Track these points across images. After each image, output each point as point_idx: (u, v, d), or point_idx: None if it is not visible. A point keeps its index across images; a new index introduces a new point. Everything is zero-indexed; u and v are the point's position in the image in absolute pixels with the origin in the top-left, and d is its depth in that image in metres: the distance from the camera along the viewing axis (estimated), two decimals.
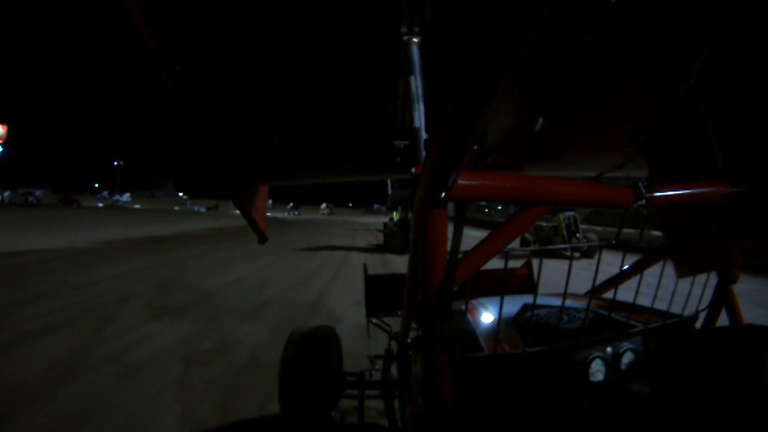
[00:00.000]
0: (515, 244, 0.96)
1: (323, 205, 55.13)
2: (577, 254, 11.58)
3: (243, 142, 1.63)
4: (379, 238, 18.55)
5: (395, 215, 19.49)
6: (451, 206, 0.88)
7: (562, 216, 12.53)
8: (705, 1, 1.11)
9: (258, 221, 1.79)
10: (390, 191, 15.42)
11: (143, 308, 5.80)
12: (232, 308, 6.01)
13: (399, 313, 1.87)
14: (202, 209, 40.28)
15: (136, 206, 47.58)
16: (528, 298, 1.49)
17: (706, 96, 1.22)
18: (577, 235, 12.25)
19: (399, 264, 11.45)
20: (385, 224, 16.72)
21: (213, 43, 1.18)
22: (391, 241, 13.53)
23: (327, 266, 10.60)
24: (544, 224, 13.45)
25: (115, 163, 56.75)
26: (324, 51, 1.25)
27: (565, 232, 12.34)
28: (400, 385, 1.90)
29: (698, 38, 1.18)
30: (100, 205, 42.17)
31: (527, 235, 14.59)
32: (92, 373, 3.52)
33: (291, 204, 66.34)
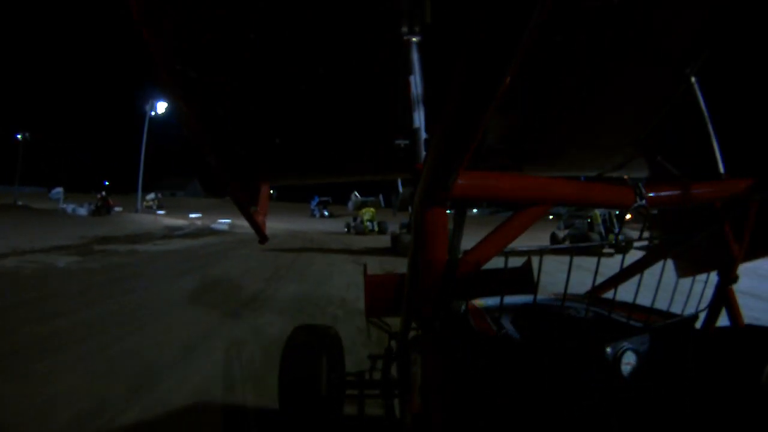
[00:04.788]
0: (517, 243, 0.96)
1: (150, 196, 31.93)
2: (610, 250, 10.27)
3: (243, 142, 1.63)
4: None
5: (365, 214, 18.28)
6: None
7: (597, 212, 11.75)
8: (704, 1, 1.11)
9: (259, 221, 1.80)
10: (401, 190, 15.01)
11: None
12: None
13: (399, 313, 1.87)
14: (81, 211, 21.93)
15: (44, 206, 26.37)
16: (528, 299, 1.48)
17: (705, 95, 1.22)
18: (615, 231, 11.38)
19: None
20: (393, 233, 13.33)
21: (213, 42, 1.18)
22: (401, 243, 12.45)
23: None
24: (577, 221, 12.66)
25: (18, 136, 37.33)
26: (324, 51, 1.25)
27: (602, 229, 11.53)
28: (400, 385, 1.90)
29: (698, 38, 1.18)
30: (20, 203, 25.70)
31: (557, 232, 13.67)
32: None
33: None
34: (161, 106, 27.32)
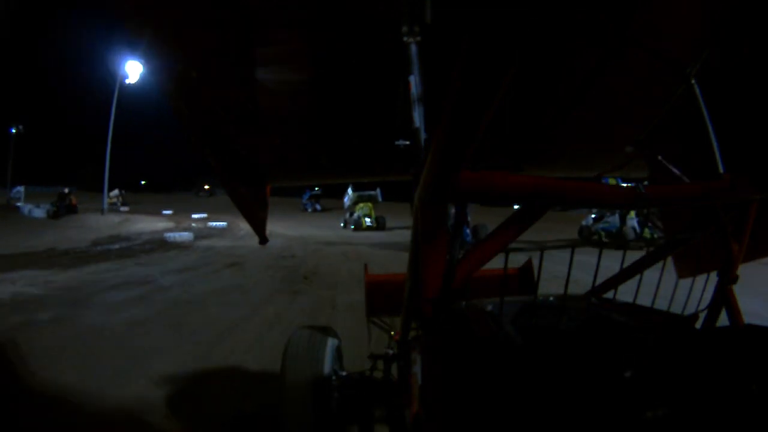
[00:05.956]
0: (518, 240, 0.95)
1: (114, 192, 27.23)
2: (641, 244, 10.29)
3: (244, 142, 1.63)
4: None
5: (362, 209, 17.54)
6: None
7: None
8: (704, 1, 1.12)
9: (259, 221, 1.80)
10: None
11: None
12: None
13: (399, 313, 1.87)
14: (38, 212, 18.99)
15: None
16: (528, 298, 1.48)
17: (705, 96, 1.22)
18: (649, 225, 10.94)
19: None
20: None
21: (213, 43, 1.18)
22: None
23: None
24: (609, 215, 12.15)
25: (13, 130, 34.36)
26: (324, 51, 1.25)
27: (635, 223, 11.17)
28: (401, 386, 1.90)
29: (698, 38, 1.18)
30: (19, 203, 21.72)
31: (587, 225, 12.79)
32: None
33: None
34: (134, 70, 21.32)
